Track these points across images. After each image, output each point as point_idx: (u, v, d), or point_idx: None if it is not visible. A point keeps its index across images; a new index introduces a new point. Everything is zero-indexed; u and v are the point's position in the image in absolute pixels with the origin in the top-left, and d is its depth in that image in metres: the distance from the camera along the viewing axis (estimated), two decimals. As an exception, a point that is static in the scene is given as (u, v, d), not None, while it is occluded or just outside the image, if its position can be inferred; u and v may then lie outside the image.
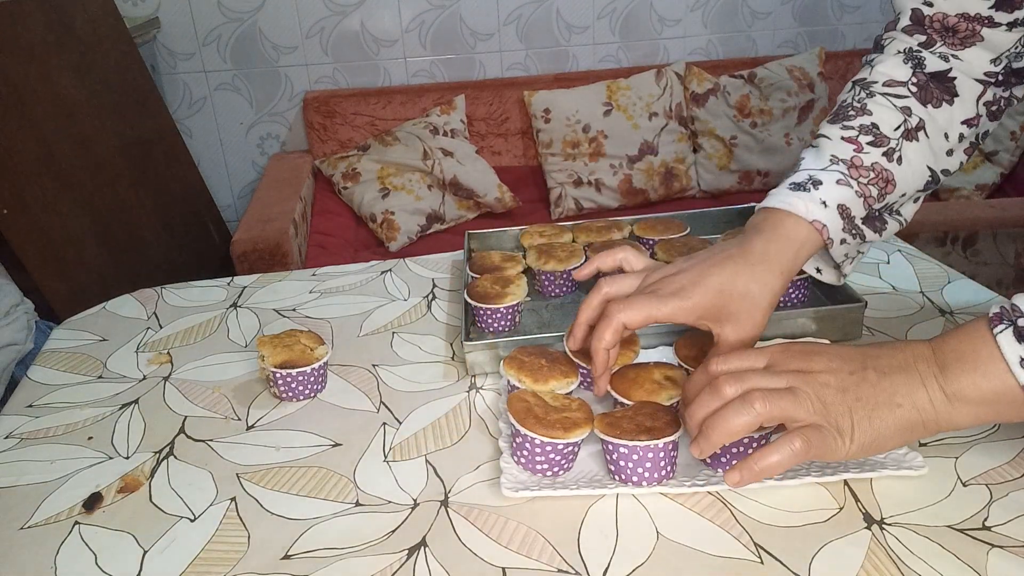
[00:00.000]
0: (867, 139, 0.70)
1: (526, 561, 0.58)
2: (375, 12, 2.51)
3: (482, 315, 0.86)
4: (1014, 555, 0.56)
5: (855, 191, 0.69)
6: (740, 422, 0.56)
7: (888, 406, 0.56)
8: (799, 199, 0.68)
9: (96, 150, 1.90)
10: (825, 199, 0.68)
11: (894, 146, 0.70)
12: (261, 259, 1.93)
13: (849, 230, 0.70)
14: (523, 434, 0.63)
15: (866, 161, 0.70)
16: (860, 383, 0.56)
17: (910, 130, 0.70)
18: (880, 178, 0.70)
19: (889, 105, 0.71)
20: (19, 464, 0.73)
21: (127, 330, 0.96)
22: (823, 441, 0.56)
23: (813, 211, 0.67)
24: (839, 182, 0.69)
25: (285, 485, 0.68)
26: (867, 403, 0.56)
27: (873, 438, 0.56)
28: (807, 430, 0.56)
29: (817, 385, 0.57)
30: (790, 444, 0.56)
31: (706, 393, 0.59)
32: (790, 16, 2.72)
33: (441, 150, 2.39)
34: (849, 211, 0.69)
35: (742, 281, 0.65)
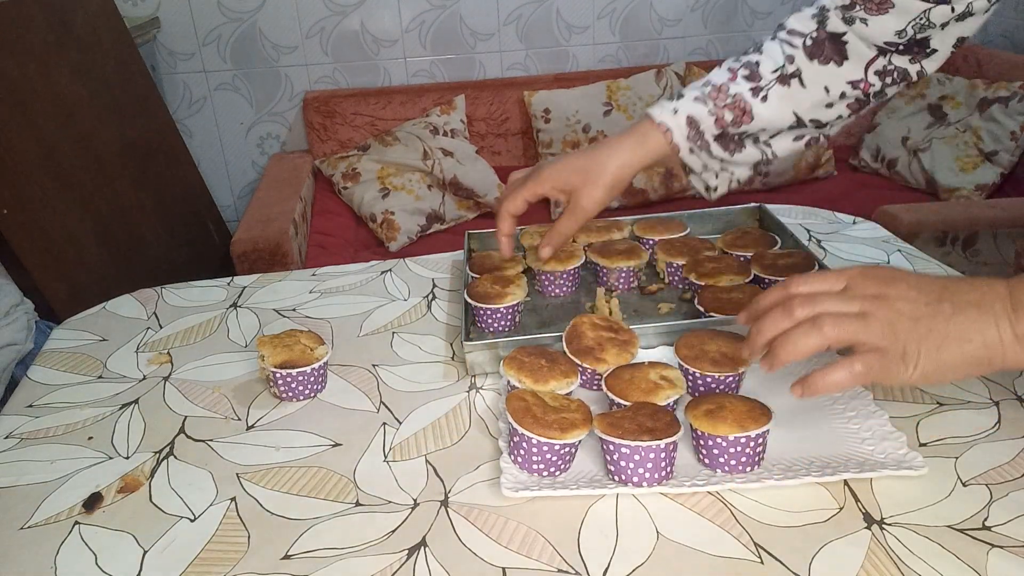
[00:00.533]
0: (744, 72, 0.80)
1: (526, 561, 0.58)
2: (375, 12, 2.51)
3: (482, 315, 0.86)
4: (1014, 555, 0.56)
5: (708, 109, 0.79)
6: (808, 343, 0.58)
7: (958, 340, 0.56)
8: (659, 106, 0.81)
9: (96, 150, 1.90)
10: (677, 108, 0.80)
11: (762, 84, 0.79)
12: (261, 259, 1.93)
13: (694, 139, 0.80)
14: (520, 433, 0.63)
15: (731, 90, 0.79)
16: (935, 315, 0.57)
17: (785, 76, 0.79)
18: (736, 107, 0.79)
19: (778, 50, 0.80)
20: (19, 464, 0.73)
21: (127, 330, 0.96)
22: (886, 366, 0.57)
23: (662, 116, 0.80)
24: (696, 99, 0.80)
25: (285, 485, 0.68)
26: (938, 335, 0.57)
27: (937, 368, 0.57)
28: (870, 355, 0.57)
29: (891, 311, 0.58)
30: (851, 366, 0.58)
31: (778, 312, 0.61)
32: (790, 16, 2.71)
33: (441, 150, 2.39)
34: (698, 124, 0.80)
35: (582, 163, 0.82)
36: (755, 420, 0.63)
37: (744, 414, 0.63)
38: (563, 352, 0.75)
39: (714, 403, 0.65)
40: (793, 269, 0.88)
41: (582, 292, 0.95)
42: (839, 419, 0.70)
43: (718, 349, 0.73)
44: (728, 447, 0.63)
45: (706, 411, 0.64)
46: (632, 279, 0.94)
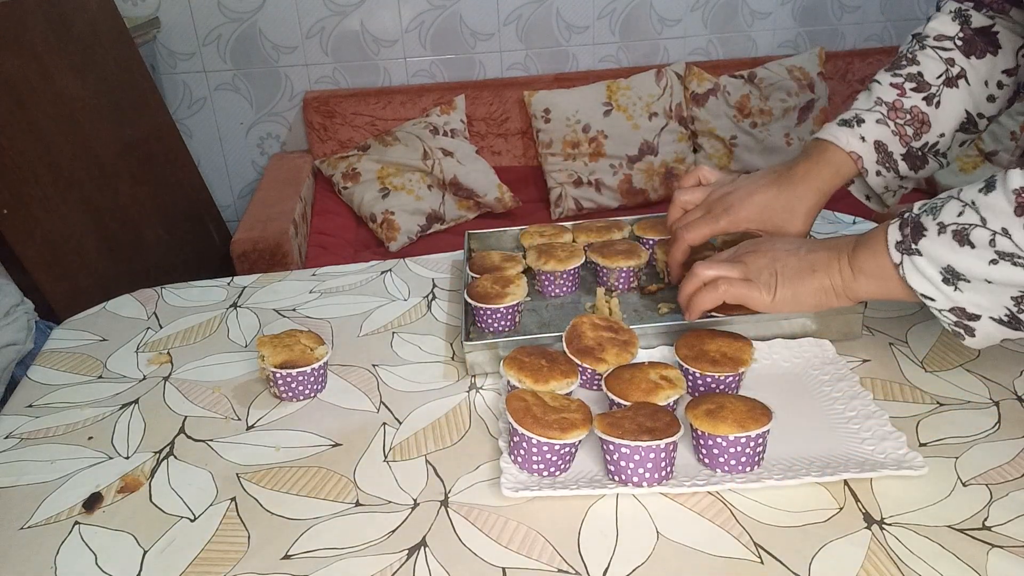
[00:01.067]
0: (911, 85, 0.83)
1: (526, 561, 0.58)
2: (375, 12, 2.51)
3: (482, 315, 0.86)
4: (1014, 555, 0.56)
5: (891, 130, 0.82)
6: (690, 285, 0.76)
7: (809, 272, 0.71)
8: (843, 132, 0.83)
9: (96, 150, 1.90)
10: (864, 135, 0.82)
11: (934, 91, 0.82)
12: (261, 259, 1.93)
13: (883, 163, 0.83)
14: (520, 433, 0.63)
15: (906, 104, 0.82)
16: (789, 255, 0.73)
17: (951, 78, 0.82)
18: (915, 119, 0.82)
19: (935, 56, 0.83)
20: (19, 464, 0.73)
21: (127, 330, 0.96)
22: (748, 290, 0.73)
23: (852, 143, 0.82)
24: (878, 121, 0.82)
25: (285, 485, 0.68)
26: (791, 268, 0.72)
27: (792, 294, 0.72)
28: (735, 280, 0.73)
29: (755, 256, 0.75)
30: (716, 287, 0.74)
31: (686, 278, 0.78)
32: (790, 16, 2.72)
33: (441, 150, 2.39)
34: (886, 147, 0.82)
35: (784, 198, 0.82)
36: (755, 420, 0.63)
37: (744, 414, 0.63)
38: (563, 352, 0.75)
39: (714, 403, 0.65)
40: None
41: (582, 292, 0.95)
42: (839, 419, 0.70)
43: (718, 349, 0.73)
44: (728, 447, 0.63)
45: (706, 411, 0.64)
46: (632, 279, 0.94)
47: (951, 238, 0.62)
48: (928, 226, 0.64)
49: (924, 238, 0.64)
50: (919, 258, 0.64)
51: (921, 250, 0.64)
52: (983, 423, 0.70)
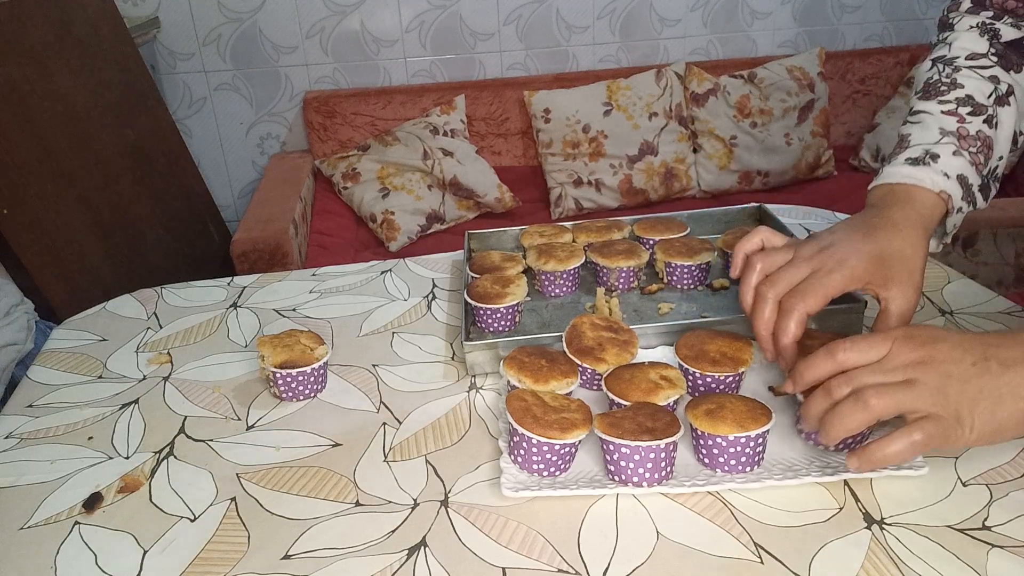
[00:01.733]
0: (966, 110, 0.75)
1: (526, 561, 0.58)
2: (375, 12, 2.51)
3: (482, 315, 0.86)
4: (1014, 555, 0.56)
5: (968, 160, 0.74)
6: (856, 419, 0.57)
7: (1012, 398, 0.56)
8: (923, 172, 0.72)
9: (96, 150, 1.90)
10: (947, 171, 0.72)
11: (992, 113, 0.75)
12: (261, 259, 1.93)
13: (966, 198, 0.74)
14: (520, 433, 0.63)
15: (971, 131, 0.74)
16: (983, 374, 0.56)
17: (1001, 96, 0.76)
18: (985, 145, 0.74)
19: (977, 76, 0.76)
20: (19, 464, 0.73)
21: (127, 330, 0.96)
22: (943, 432, 0.56)
23: (939, 183, 0.72)
24: (955, 154, 0.73)
25: (285, 485, 0.68)
26: (990, 395, 0.56)
27: (995, 429, 0.56)
28: (925, 422, 0.56)
29: (938, 375, 0.57)
30: (910, 436, 0.56)
31: (820, 393, 0.60)
32: (790, 16, 2.72)
33: (441, 150, 2.39)
34: (967, 180, 0.73)
35: (896, 244, 0.69)
36: (755, 420, 0.63)
37: (744, 414, 0.63)
38: (563, 352, 0.75)
39: (714, 403, 0.65)
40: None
41: (582, 292, 0.95)
42: (839, 419, 0.70)
43: (718, 349, 0.73)
44: (728, 447, 0.63)
45: (706, 411, 0.64)
46: (632, 279, 0.94)
47: None
48: None
49: None
50: None
51: None
52: (983, 423, 0.70)
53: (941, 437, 0.56)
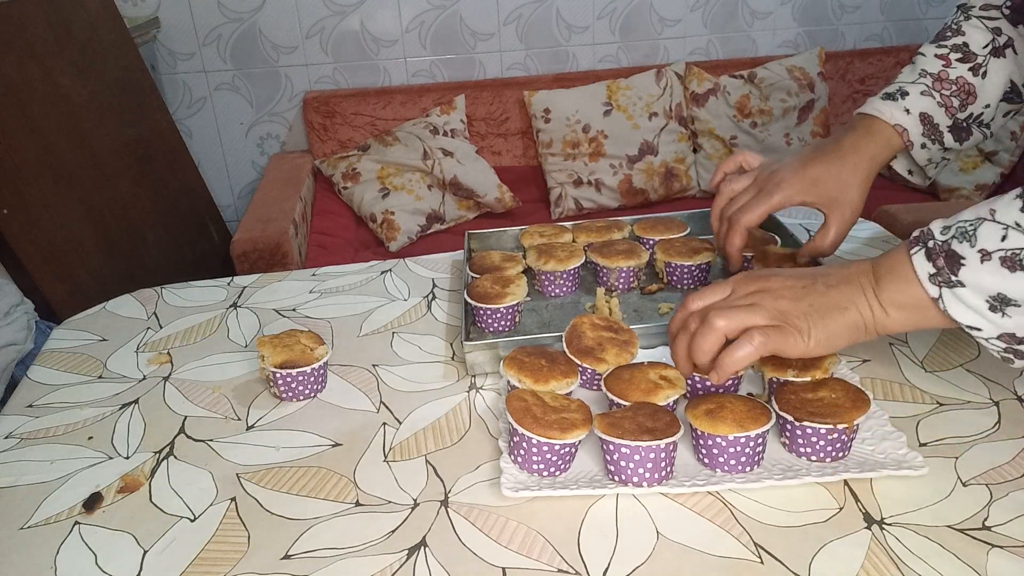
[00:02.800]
0: (956, 56, 0.82)
1: (526, 561, 0.58)
2: (375, 12, 2.51)
3: (482, 315, 0.86)
4: (1014, 555, 0.56)
5: (937, 101, 0.81)
6: (708, 341, 0.64)
7: (837, 310, 0.64)
8: (886, 106, 0.82)
9: (96, 150, 1.90)
10: (909, 107, 0.81)
11: (980, 62, 0.81)
12: (261, 259, 1.93)
13: (929, 135, 0.82)
14: (520, 433, 0.63)
15: (951, 75, 0.81)
16: (810, 293, 0.65)
17: (998, 48, 0.81)
18: (962, 90, 0.81)
19: (981, 26, 0.82)
20: (19, 464, 0.73)
21: (127, 330, 0.96)
22: (783, 338, 0.63)
23: (896, 116, 0.81)
24: (923, 93, 0.81)
25: (285, 485, 0.68)
26: (819, 308, 0.64)
27: (827, 336, 0.63)
28: (766, 328, 0.63)
29: (774, 298, 0.65)
30: (750, 339, 0.63)
31: (679, 335, 0.68)
32: (790, 16, 2.72)
33: (441, 150, 2.39)
34: (931, 119, 0.81)
35: (835, 169, 0.80)
36: (755, 420, 0.63)
37: (744, 414, 0.63)
38: (563, 352, 0.75)
39: (714, 403, 0.65)
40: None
41: (582, 292, 0.95)
42: (839, 419, 0.70)
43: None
44: (728, 447, 0.63)
45: (706, 411, 0.64)
46: (632, 279, 0.94)
47: (999, 265, 0.57)
48: (966, 254, 0.59)
49: (964, 267, 0.59)
50: (962, 289, 0.59)
51: (963, 281, 0.59)
52: (983, 423, 0.70)
53: (781, 341, 0.63)
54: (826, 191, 0.80)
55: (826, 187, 0.80)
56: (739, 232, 0.83)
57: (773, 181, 0.82)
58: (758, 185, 0.83)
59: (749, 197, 0.83)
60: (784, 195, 0.80)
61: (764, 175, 0.84)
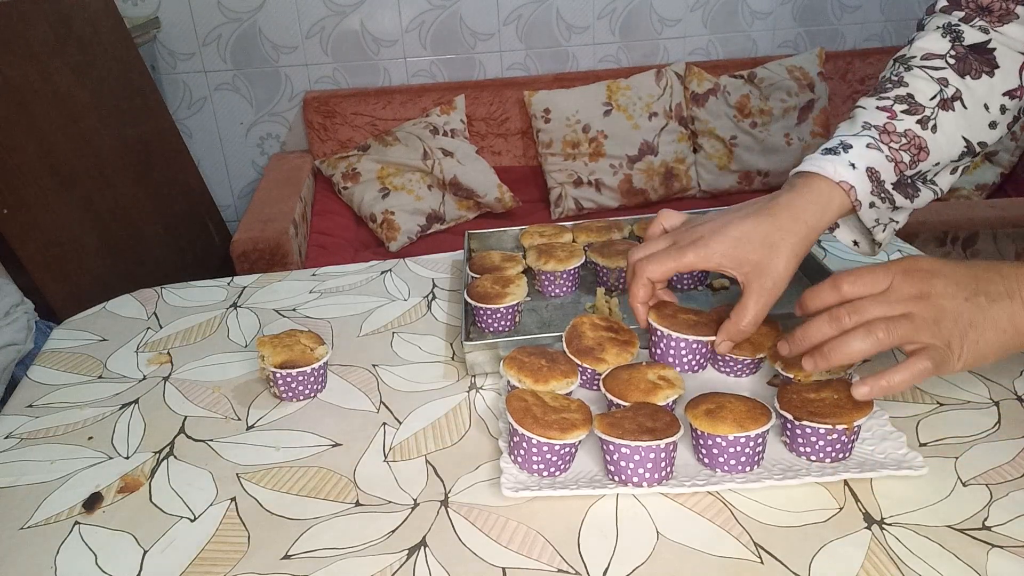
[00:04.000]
0: (901, 107, 0.73)
1: (526, 561, 0.58)
2: (375, 12, 2.51)
3: (482, 315, 0.86)
4: (1014, 555, 0.56)
5: (885, 155, 0.72)
6: (863, 347, 0.61)
7: (994, 330, 0.61)
8: (828, 162, 0.70)
9: (96, 150, 1.90)
10: (854, 161, 0.70)
11: (929, 114, 0.73)
12: (261, 259, 1.93)
13: (878, 193, 0.72)
14: (520, 433, 0.63)
15: (899, 128, 0.72)
16: (973, 308, 0.61)
17: (946, 100, 0.73)
18: (912, 144, 0.72)
19: (926, 76, 0.74)
20: (19, 464, 0.73)
21: (127, 330, 0.96)
22: (939, 360, 0.60)
23: (841, 172, 0.70)
24: (869, 146, 0.71)
25: (285, 485, 0.68)
26: (977, 327, 0.61)
27: (977, 356, 0.61)
28: (925, 352, 0.60)
29: (935, 310, 0.61)
30: (919, 363, 0.60)
31: (825, 320, 0.63)
32: (790, 16, 2.72)
33: (441, 150, 2.39)
34: (878, 175, 0.71)
35: (763, 230, 0.68)
36: (755, 420, 0.63)
37: (744, 414, 0.63)
38: (563, 352, 0.75)
39: (714, 403, 0.65)
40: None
41: (582, 292, 0.95)
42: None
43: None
44: (728, 447, 0.63)
45: (706, 411, 0.64)
46: (632, 279, 0.94)
47: None
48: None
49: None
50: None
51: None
52: (983, 423, 0.70)
53: (937, 364, 0.61)
54: (746, 254, 0.67)
55: (748, 249, 0.67)
56: (641, 282, 0.71)
57: (690, 237, 0.70)
58: (673, 237, 0.72)
59: (661, 247, 0.71)
60: (698, 255, 0.68)
61: (684, 230, 0.72)
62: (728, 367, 0.77)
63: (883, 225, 0.75)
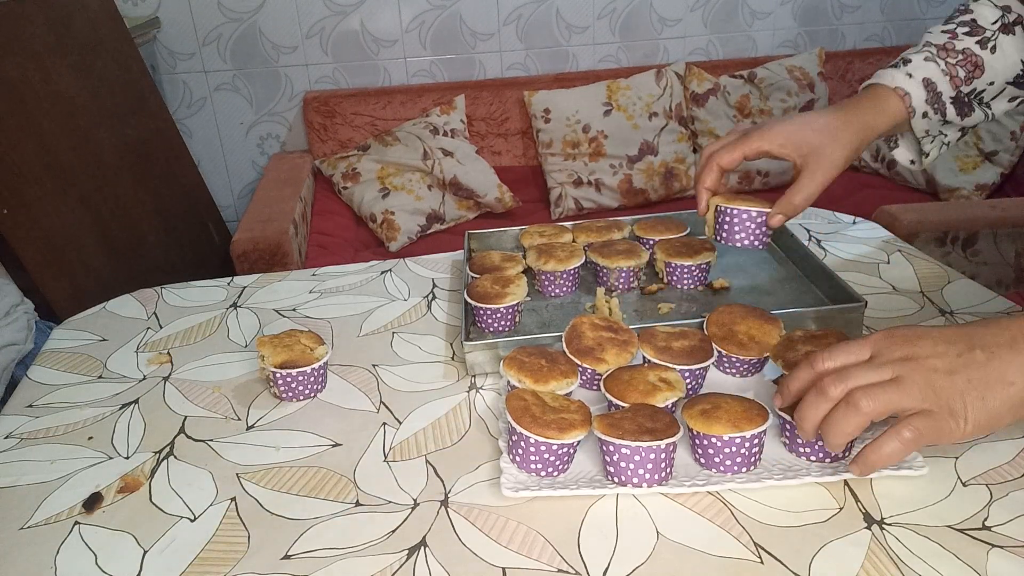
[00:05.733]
0: (963, 30, 0.78)
1: (526, 561, 0.58)
2: (375, 12, 2.51)
3: (482, 315, 0.86)
4: (1014, 555, 0.56)
5: (941, 69, 0.77)
6: (851, 424, 0.56)
7: (1000, 384, 0.55)
8: (887, 73, 0.78)
9: (96, 150, 1.90)
10: (911, 72, 0.77)
11: (989, 36, 0.78)
12: (261, 259, 1.93)
13: (932, 103, 0.77)
14: (519, 432, 0.63)
15: (957, 46, 0.78)
16: (969, 364, 0.55)
17: (1007, 24, 0.78)
18: (968, 61, 0.77)
19: (990, 4, 0.79)
20: (19, 464, 0.73)
21: (127, 330, 0.96)
22: (935, 426, 0.55)
23: (898, 79, 0.77)
24: (926, 59, 0.77)
25: (285, 485, 0.68)
26: (978, 383, 0.55)
27: (988, 417, 0.55)
28: (916, 418, 0.55)
29: (925, 371, 0.56)
30: (899, 435, 0.56)
31: (812, 395, 0.59)
32: (790, 16, 2.72)
33: (441, 150, 2.39)
34: (935, 86, 0.77)
35: (823, 120, 0.75)
36: (750, 420, 0.63)
37: (739, 415, 0.63)
38: (563, 352, 0.75)
39: (710, 403, 0.65)
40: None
41: (582, 292, 0.95)
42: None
43: (747, 331, 0.75)
44: (723, 447, 0.63)
45: (701, 411, 0.64)
46: (632, 279, 0.94)
47: None
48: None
49: None
50: None
51: None
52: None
53: (934, 432, 0.55)
54: (808, 139, 0.75)
55: (809, 135, 0.75)
56: (711, 169, 0.80)
57: (757, 128, 0.78)
58: (740, 131, 0.80)
59: (730, 140, 0.80)
60: (763, 137, 0.76)
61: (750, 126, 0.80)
62: (733, 367, 0.77)
63: (932, 136, 0.80)
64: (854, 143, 0.74)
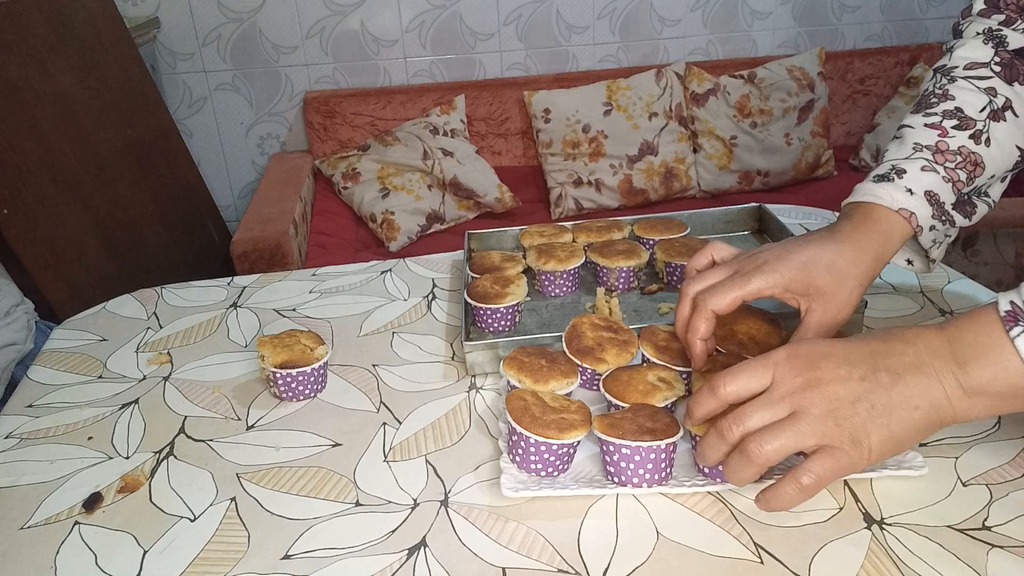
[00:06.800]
0: (951, 123, 0.70)
1: (526, 561, 0.58)
2: (375, 12, 2.51)
3: (482, 315, 0.86)
4: (1014, 555, 0.56)
5: (942, 176, 0.69)
6: (748, 472, 0.55)
7: (905, 409, 0.53)
8: (883, 189, 0.68)
9: (96, 150, 1.90)
10: (911, 187, 0.68)
11: (981, 128, 0.69)
12: (261, 259, 1.93)
13: (939, 216, 0.69)
14: (519, 432, 0.63)
15: (952, 145, 0.69)
16: (874, 389, 0.53)
17: (996, 110, 0.70)
18: (968, 161, 0.69)
19: (972, 88, 0.71)
20: (19, 464, 0.73)
21: (127, 330, 0.96)
22: (836, 465, 0.53)
23: (899, 199, 0.67)
24: (923, 168, 0.69)
25: (285, 485, 0.68)
26: (883, 410, 0.53)
27: (893, 443, 0.53)
28: (815, 461, 0.53)
29: (826, 400, 0.53)
30: (797, 481, 0.54)
31: (712, 435, 0.57)
32: (790, 16, 2.72)
33: (441, 150, 2.39)
34: (937, 197, 0.68)
35: (828, 255, 0.65)
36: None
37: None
38: (563, 352, 0.75)
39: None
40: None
41: (582, 292, 0.95)
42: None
43: (747, 331, 0.73)
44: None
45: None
46: (632, 279, 0.94)
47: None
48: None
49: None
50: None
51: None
52: (983, 423, 0.70)
53: (835, 471, 0.53)
54: (814, 279, 0.65)
55: (815, 275, 0.65)
56: (704, 316, 0.66)
57: (753, 264, 0.66)
58: (733, 267, 0.68)
59: (721, 277, 0.67)
60: (765, 280, 0.64)
61: (744, 258, 0.68)
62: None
63: (939, 244, 0.73)
64: (863, 283, 0.66)
